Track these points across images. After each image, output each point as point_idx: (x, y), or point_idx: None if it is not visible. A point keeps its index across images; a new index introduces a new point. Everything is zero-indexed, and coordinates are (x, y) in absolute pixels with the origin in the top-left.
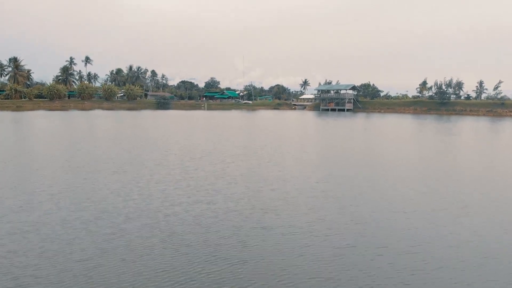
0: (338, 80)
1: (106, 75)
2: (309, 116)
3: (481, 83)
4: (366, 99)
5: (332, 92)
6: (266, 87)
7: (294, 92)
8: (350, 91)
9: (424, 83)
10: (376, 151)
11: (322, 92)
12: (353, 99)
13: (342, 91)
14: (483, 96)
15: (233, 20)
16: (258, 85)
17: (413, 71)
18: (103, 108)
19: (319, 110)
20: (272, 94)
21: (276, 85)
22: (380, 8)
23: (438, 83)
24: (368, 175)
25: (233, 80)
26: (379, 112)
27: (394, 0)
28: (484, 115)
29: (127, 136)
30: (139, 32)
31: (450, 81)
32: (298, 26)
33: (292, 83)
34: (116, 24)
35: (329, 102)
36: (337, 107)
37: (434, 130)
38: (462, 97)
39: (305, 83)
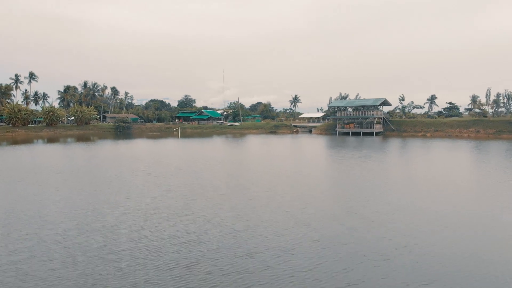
0: (358, 94)
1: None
2: (325, 145)
3: None
4: (401, 118)
5: (349, 109)
6: (246, 106)
7: (283, 111)
8: (379, 108)
9: (433, 97)
10: None
11: (338, 110)
12: (383, 119)
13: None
14: None
15: (208, 40)
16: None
17: (415, 88)
18: (42, 138)
19: (334, 133)
20: (258, 114)
21: (258, 103)
22: (362, 27)
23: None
24: None
25: (207, 99)
26: (422, 136)
27: (370, 22)
28: None
29: None
30: (107, 53)
31: None
32: (273, 48)
33: (271, 102)
34: (82, 45)
35: (348, 123)
36: (361, 130)
37: None
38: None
39: (295, 100)
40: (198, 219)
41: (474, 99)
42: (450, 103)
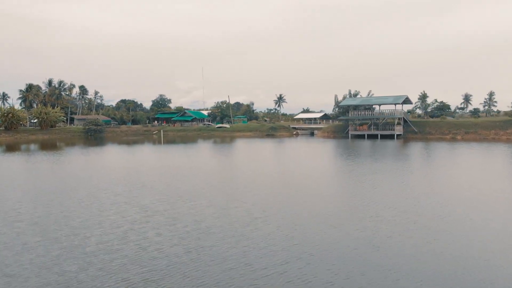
0: (371, 91)
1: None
2: (353, 154)
3: None
4: (425, 119)
5: (361, 108)
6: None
7: (267, 111)
8: (400, 107)
9: (424, 95)
10: None
11: (350, 109)
12: (403, 119)
13: (383, 107)
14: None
15: (177, 40)
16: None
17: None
18: (0, 144)
19: (345, 136)
20: (241, 114)
21: (236, 103)
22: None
23: None
24: None
25: (177, 100)
26: (452, 139)
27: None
28: None
29: None
30: (72, 53)
31: None
32: (242, 48)
33: (242, 102)
34: (48, 45)
35: (361, 124)
36: (378, 132)
37: None
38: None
39: (280, 99)
40: None
41: (467, 98)
42: (441, 102)
